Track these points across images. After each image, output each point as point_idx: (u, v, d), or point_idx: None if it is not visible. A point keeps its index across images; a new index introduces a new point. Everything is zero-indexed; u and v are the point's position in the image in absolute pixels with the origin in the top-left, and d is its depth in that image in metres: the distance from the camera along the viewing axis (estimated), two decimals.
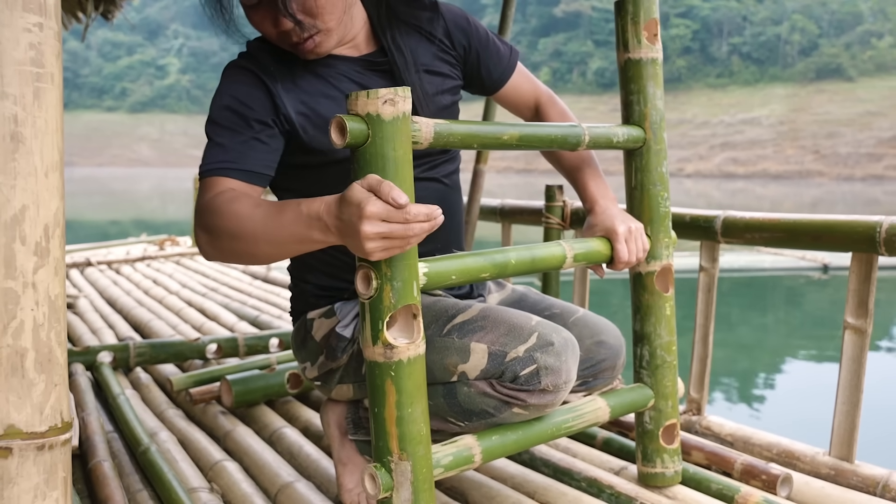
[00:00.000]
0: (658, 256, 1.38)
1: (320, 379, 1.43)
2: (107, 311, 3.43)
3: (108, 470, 1.56)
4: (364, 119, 0.98)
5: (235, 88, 1.29)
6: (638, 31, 1.34)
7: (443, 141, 1.10)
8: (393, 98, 0.98)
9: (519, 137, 1.20)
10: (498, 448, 1.18)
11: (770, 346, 6.85)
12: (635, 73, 1.36)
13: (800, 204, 27.39)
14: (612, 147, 1.34)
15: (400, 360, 1.01)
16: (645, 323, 1.40)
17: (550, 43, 75.86)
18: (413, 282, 1.01)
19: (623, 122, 1.40)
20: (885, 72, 58.78)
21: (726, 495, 1.40)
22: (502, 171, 31.65)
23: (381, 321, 1.00)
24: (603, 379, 1.44)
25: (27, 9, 0.77)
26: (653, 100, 1.36)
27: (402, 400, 1.02)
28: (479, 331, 1.22)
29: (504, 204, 2.46)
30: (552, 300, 1.53)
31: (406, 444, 1.02)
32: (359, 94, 0.98)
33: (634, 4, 1.34)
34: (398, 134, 0.99)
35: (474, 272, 1.13)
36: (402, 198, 0.95)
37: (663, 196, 1.38)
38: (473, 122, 1.16)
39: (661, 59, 1.38)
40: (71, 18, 3.36)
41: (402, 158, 1.00)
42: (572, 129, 1.28)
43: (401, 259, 1.00)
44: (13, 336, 0.78)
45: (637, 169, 1.38)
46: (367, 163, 0.98)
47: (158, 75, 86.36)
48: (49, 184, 0.79)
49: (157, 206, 25.59)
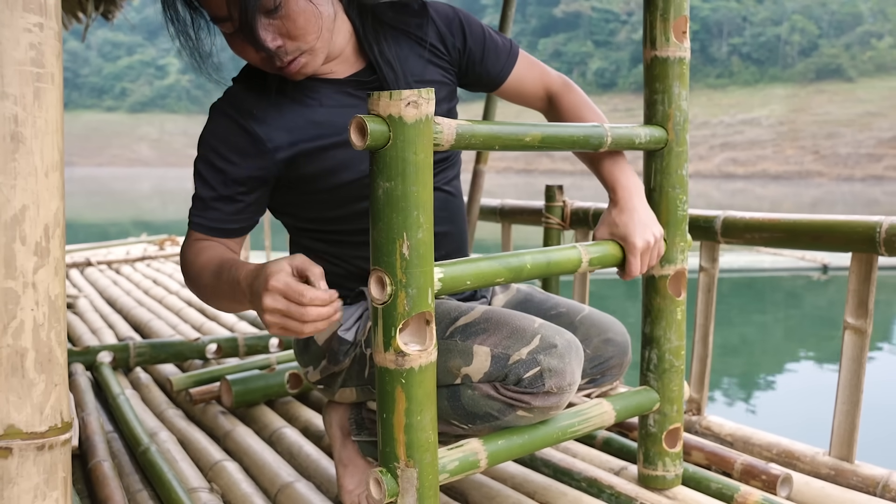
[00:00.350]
0: (673, 260, 1.36)
1: (323, 382, 1.42)
2: (107, 311, 3.43)
3: (108, 470, 1.56)
4: (385, 121, 0.94)
5: (217, 139, 1.28)
6: (667, 28, 1.30)
7: (465, 143, 1.07)
8: (416, 100, 0.95)
9: (541, 139, 1.17)
10: (503, 452, 1.17)
11: (769, 347, 6.85)
12: (661, 71, 1.32)
13: (799, 204, 27.40)
14: (634, 148, 1.30)
15: (411, 368, 0.99)
16: (655, 326, 1.38)
17: (550, 43, 75.84)
18: (428, 289, 0.99)
19: (645, 121, 1.36)
20: (884, 72, 58.80)
21: (725, 495, 1.40)
22: (502, 172, 31.66)
23: (394, 328, 0.98)
24: (611, 376, 1.44)
25: (27, 9, 0.77)
26: (678, 100, 1.32)
27: (412, 407, 1.00)
28: (481, 333, 1.21)
29: (504, 204, 2.46)
30: (557, 299, 1.52)
31: (413, 452, 1.01)
32: (381, 95, 0.94)
33: (665, 0, 1.30)
34: (420, 137, 0.96)
35: (489, 277, 1.11)
36: (307, 292, 1.01)
37: (682, 199, 1.35)
38: (495, 122, 1.13)
39: (689, 59, 1.34)
40: (71, 18, 3.36)
41: (423, 163, 0.96)
42: (595, 130, 1.25)
43: (417, 265, 0.97)
44: (13, 336, 0.78)
45: (657, 171, 1.35)
46: (387, 166, 0.95)
47: (158, 75, 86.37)
48: (49, 184, 0.79)
49: (156, 206, 25.59)
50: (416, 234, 0.96)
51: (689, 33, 1.34)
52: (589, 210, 2.09)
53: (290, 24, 1.19)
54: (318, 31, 1.22)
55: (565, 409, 1.28)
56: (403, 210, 0.96)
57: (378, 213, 0.97)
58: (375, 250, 0.98)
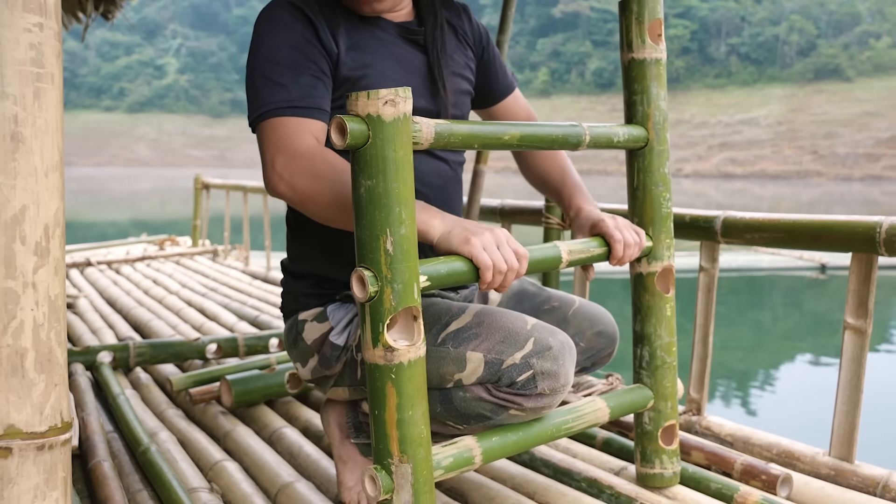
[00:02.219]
0: (659, 257, 1.38)
1: (314, 382, 1.43)
2: (107, 311, 3.43)
3: (107, 470, 1.56)
4: (364, 120, 0.97)
5: (285, 27, 1.28)
6: (642, 31, 1.34)
7: (443, 141, 1.09)
8: (394, 98, 0.97)
9: (520, 137, 1.20)
10: (498, 449, 1.18)
11: (768, 346, 6.85)
12: (639, 73, 1.35)
13: (798, 204, 27.42)
14: (612, 147, 1.33)
15: (400, 363, 1.01)
16: (645, 324, 1.39)
17: (549, 43, 75.87)
18: (413, 284, 1.01)
19: (626, 121, 1.39)
20: (883, 72, 58.84)
21: (725, 495, 1.40)
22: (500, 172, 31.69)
23: (381, 324, 0.99)
24: (600, 365, 1.53)
25: (27, 9, 0.77)
26: (656, 100, 1.36)
27: (403, 403, 1.01)
28: (474, 339, 1.21)
29: (504, 204, 2.46)
30: (550, 292, 1.55)
31: (407, 447, 1.02)
32: (359, 95, 0.97)
33: (639, 4, 1.34)
34: (399, 135, 0.98)
35: (474, 275, 1.12)
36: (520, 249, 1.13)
37: (665, 197, 1.38)
38: (474, 122, 1.15)
39: (665, 60, 1.38)
40: (71, 18, 3.35)
41: (403, 160, 0.99)
42: (573, 129, 1.28)
43: (401, 261, 0.99)
44: (13, 336, 0.78)
45: (639, 169, 1.38)
46: (368, 164, 0.98)
47: (156, 75, 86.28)
48: (49, 184, 0.79)
49: (155, 206, 25.58)
50: (399, 230, 0.98)
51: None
52: None
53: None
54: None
55: (559, 406, 1.28)
56: (385, 207, 0.98)
57: (361, 210, 0.99)
58: (360, 247, 1.00)
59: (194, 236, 5.76)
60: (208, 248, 5.46)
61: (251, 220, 5.04)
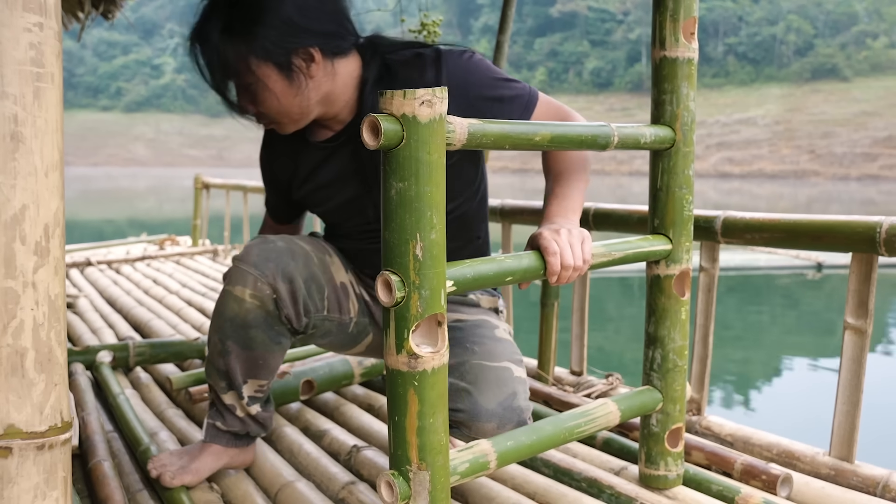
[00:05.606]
0: (678, 260, 1.35)
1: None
2: (107, 311, 3.42)
3: (108, 469, 1.55)
4: (399, 120, 0.93)
5: (261, 151, 1.67)
6: (676, 29, 1.30)
7: (476, 142, 1.06)
8: (430, 99, 0.93)
9: (551, 138, 1.17)
10: (512, 453, 1.16)
11: (766, 345, 6.86)
12: (670, 71, 1.32)
13: (795, 203, 27.47)
14: (639, 147, 1.30)
15: (424, 370, 0.98)
16: (659, 326, 1.37)
17: (546, 43, 75.86)
18: (441, 290, 0.98)
19: (652, 121, 1.36)
20: (880, 72, 58.94)
21: (727, 496, 1.40)
22: (498, 171, 31.61)
23: (406, 330, 0.96)
24: (456, 430, 1.32)
25: (27, 9, 0.76)
26: (685, 100, 1.32)
27: (424, 410, 0.99)
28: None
29: (504, 204, 2.45)
30: (481, 338, 1.44)
31: (426, 454, 1.00)
32: (394, 93, 0.93)
33: (675, 0, 1.30)
34: (434, 136, 0.94)
35: (501, 276, 1.10)
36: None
37: (688, 199, 1.35)
38: (506, 122, 1.12)
39: (697, 59, 1.34)
40: (71, 18, 3.34)
41: (437, 162, 0.95)
42: (602, 129, 1.25)
43: (430, 267, 0.96)
44: (13, 336, 0.78)
45: (664, 170, 1.34)
46: (400, 166, 0.94)
47: (154, 75, 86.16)
48: (49, 183, 0.79)
49: (153, 206, 25.56)
50: (429, 235, 0.95)
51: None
52: (589, 210, 2.08)
53: (259, 99, 1.41)
54: (277, 105, 1.40)
55: (572, 410, 1.28)
56: (417, 210, 0.94)
57: (391, 213, 0.95)
58: (388, 251, 0.97)
59: (194, 236, 5.75)
60: (208, 248, 5.46)
61: (251, 220, 5.04)
